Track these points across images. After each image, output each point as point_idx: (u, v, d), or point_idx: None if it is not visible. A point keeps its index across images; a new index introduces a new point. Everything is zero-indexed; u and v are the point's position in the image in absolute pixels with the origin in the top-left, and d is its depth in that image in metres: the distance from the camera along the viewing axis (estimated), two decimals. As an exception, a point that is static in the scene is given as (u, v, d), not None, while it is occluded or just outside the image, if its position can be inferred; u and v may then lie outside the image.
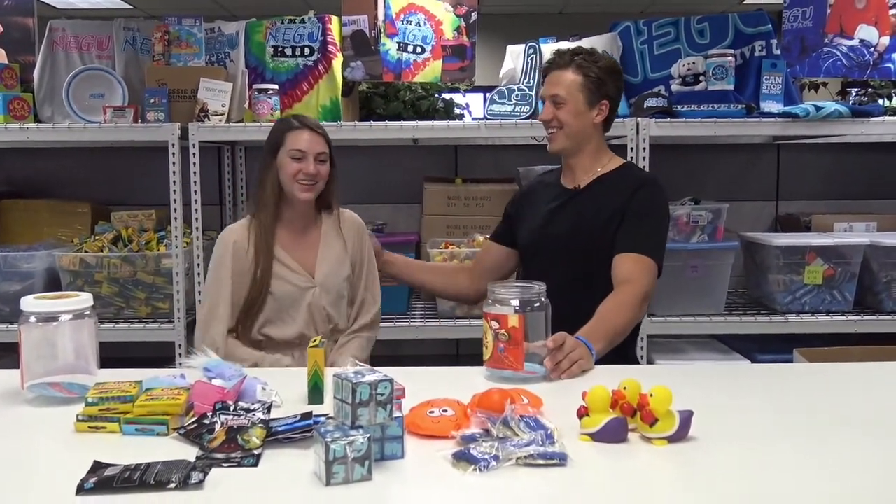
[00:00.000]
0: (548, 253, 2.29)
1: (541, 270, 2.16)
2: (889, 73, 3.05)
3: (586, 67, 2.24)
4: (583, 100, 2.25)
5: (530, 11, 8.30)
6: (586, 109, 2.26)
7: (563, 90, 2.24)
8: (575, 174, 2.33)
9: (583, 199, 2.29)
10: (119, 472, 1.22)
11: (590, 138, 2.30)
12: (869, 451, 1.37)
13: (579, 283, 2.19)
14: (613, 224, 2.20)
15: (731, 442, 1.40)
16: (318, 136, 2.28)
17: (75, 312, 1.60)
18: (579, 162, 2.32)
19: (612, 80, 2.29)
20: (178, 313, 3.03)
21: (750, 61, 3.19)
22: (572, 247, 2.24)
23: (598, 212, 2.23)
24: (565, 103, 2.24)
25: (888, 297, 3.06)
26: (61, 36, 3.23)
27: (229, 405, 1.43)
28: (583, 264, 2.22)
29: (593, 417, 1.39)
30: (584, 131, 2.27)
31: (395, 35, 3.09)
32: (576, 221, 2.26)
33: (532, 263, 2.36)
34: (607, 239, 2.20)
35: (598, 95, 2.26)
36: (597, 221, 2.22)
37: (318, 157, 2.26)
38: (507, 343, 1.70)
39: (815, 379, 1.82)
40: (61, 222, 3.41)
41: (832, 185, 3.69)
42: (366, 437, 1.22)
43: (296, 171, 2.24)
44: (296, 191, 2.25)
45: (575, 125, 2.26)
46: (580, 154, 2.31)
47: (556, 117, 2.26)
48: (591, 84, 2.24)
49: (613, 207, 2.22)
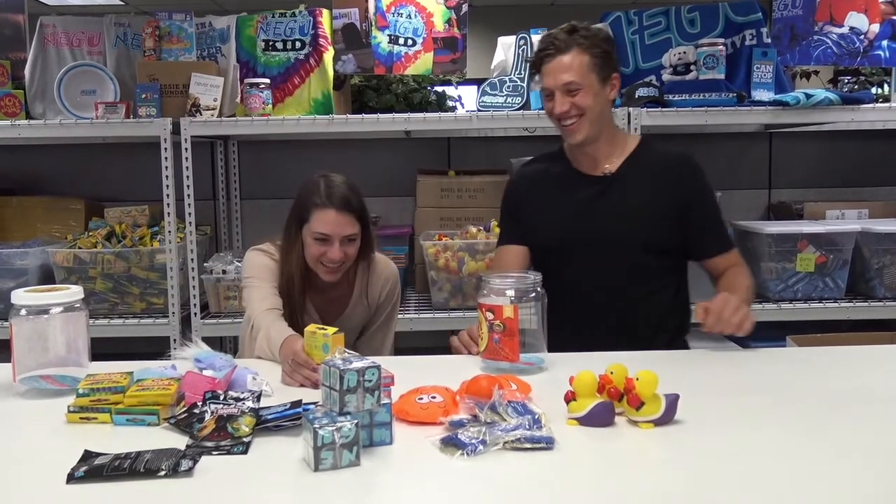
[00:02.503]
0: (591, 248, 2.12)
1: (580, 268, 2.12)
2: (879, 60, 3.05)
3: (588, 45, 2.07)
4: (596, 79, 2.08)
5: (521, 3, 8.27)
6: (601, 88, 2.10)
7: (575, 74, 2.06)
8: (595, 160, 2.18)
9: (620, 185, 2.15)
10: (109, 460, 1.23)
11: (608, 119, 2.18)
12: (858, 433, 1.38)
13: (634, 275, 2.11)
14: (671, 214, 2.11)
15: (718, 425, 1.41)
16: (347, 217, 2.06)
17: (66, 305, 1.61)
18: (599, 147, 2.17)
19: (613, 50, 2.16)
20: (172, 308, 3.04)
21: (740, 50, 3.19)
22: (623, 238, 2.11)
23: (643, 198, 2.12)
24: (581, 88, 2.06)
25: (880, 284, 3.08)
26: (52, 32, 3.23)
27: (219, 395, 1.44)
28: (637, 255, 2.11)
29: (580, 402, 1.40)
30: (603, 113, 2.14)
31: (385, 28, 3.09)
32: (621, 211, 2.12)
33: (565, 261, 2.15)
34: (665, 228, 2.11)
35: (607, 70, 2.10)
36: (646, 209, 2.11)
37: (347, 239, 2.08)
38: (503, 334, 1.70)
39: (802, 362, 1.83)
40: (55, 219, 3.41)
41: (824, 173, 3.70)
42: (353, 423, 1.23)
43: (319, 254, 2.07)
44: (319, 272, 2.11)
45: (596, 108, 2.09)
46: (600, 139, 2.15)
47: (575, 105, 2.07)
48: (599, 60, 2.08)
49: (666, 196, 2.11)
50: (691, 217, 2.13)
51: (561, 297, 2.13)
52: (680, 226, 2.13)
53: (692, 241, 2.15)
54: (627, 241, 2.11)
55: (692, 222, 2.13)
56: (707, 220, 2.17)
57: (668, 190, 2.12)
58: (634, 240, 2.11)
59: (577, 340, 2.02)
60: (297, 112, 3.08)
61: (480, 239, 3.09)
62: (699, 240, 2.15)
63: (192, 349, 1.78)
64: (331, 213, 2.05)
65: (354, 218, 2.08)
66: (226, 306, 3.14)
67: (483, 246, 3.06)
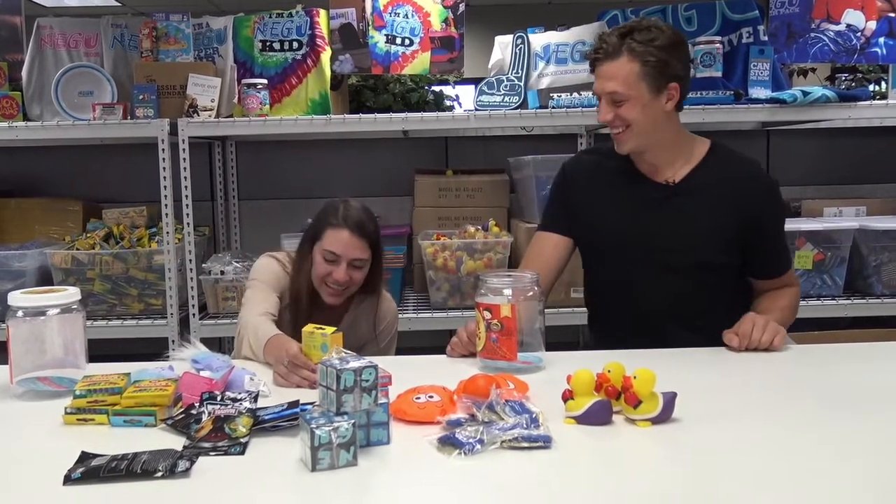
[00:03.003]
0: (642, 255, 2.02)
1: (628, 271, 2.03)
2: (876, 57, 3.05)
3: (642, 51, 1.87)
4: (646, 89, 1.90)
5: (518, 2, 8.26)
6: (652, 99, 1.91)
7: (620, 85, 1.89)
8: (656, 167, 2.03)
9: (682, 198, 2.00)
10: (106, 461, 1.23)
11: (664, 129, 1.97)
12: (856, 430, 1.39)
13: (684, 291, 2.01)
14: (733, 234, 1.99)
15: (715, 423, 1.41)
16: (359, 240, 2.05)
17: (63, 306, 1.61)
18: (658, 156, 2.01)
19: (675, 57, 1.92)
20: (170, 309, 3.04)
21: (737, 48, 3.19)
22: (676, 255, 1.99)
23: (705, 217, 1.99)
24: (626, 100, 1.90)
25: (878, 281, 3.08)
26: (49, 34, 3.23)
27: (216, 395, 1.44)
28: (690, 272, 2.00)
29: (578, 400, 1.40)
30: (655, 124, 1.94)
31: (383, 27, 3.09)
32: (679, 225, 2.00)
33: (614, 261, 2.07)
34: (724, 250, 2.00)
35: (662, 80, 1.90)
36: (707, 228, 1.99)
37: (354, 263, 2.06)
38: (500, 333, 1.69)
39: (801, 359, 1.83)
40: (53, 220, 3.41)
41: (822, 170, 3.70)
42: (350, 423, 1.23)
43: (325, 274, 2.06)
44: (322, 293, 2.09)
45: (644, 121, 1.92)
46: (657, 148, 1.99)
47: (619, 116, 1.93)
48: (651, 70, 1.88)
49: (731, 215, 1.98)
50: (756, 237, 2.01)
51: (603, 296, 2.15)
52: (741, 244, 2.01)
53: (750, 259, 2.04)
54: (682, 256, 2.00)
55: (755, 242, 2.02)
56: (770, 244, 2.06)
57: (734, 208, 1.98)
58: (691, 256, 1.99)
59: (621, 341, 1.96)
60: (294, 112, 3.08)
61: (478, 238, 3.09)
62: (758, 260, 2.05)
63: (190, 350, 1.78)
64: (343, 233, 2.05)
65: (366, 243, 2.07)
66: (224, 307, 3.14)
67: (481, 245, 3.06)
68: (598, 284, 2.19)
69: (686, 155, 2.04)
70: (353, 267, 2.07)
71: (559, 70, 3.11)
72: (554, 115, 3.00)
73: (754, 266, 2.07)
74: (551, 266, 2.12)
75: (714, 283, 2.03)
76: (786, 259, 2.13)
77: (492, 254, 3.06)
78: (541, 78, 3.11)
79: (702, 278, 2.01)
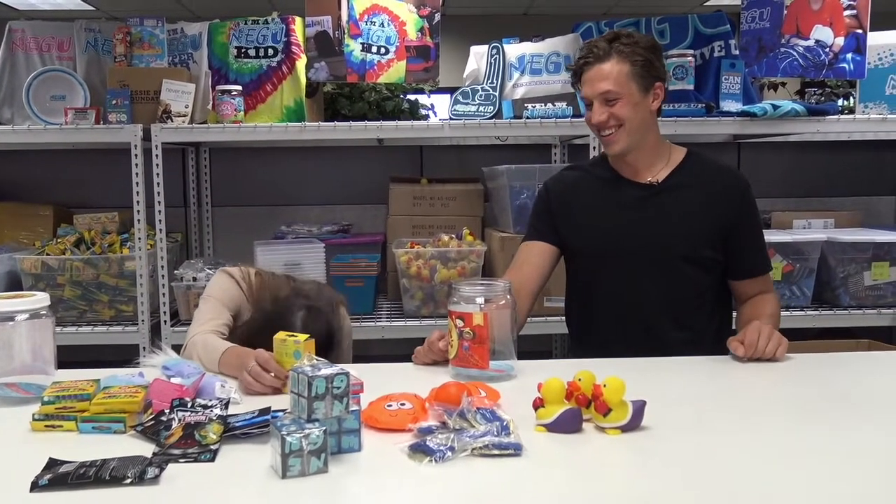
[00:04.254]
0: (630, 255, 2.09)
1: (617, 274, 2.09)
2: (844, 72, 3.11)
3: (629, 52, 2.01)
4: (636, 88, 2.03)
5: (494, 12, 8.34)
6: (642, 98, 2.04)
7: (613, 84, 2.01)
8: (638, 170, 2.14)
9: (666, 195, 2.10)
10: (74, 468, 1.21)
11: (650, 129, 2.10)
12: (828, 439, 1.40)
13: (672, 288, 2.08)
14: (716, 229, 2.07)
15: (684, 431, 1.43)
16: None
17: (32, 312, 1.59)
18: (640, 157, 2.12)
19: (657, 58, 2.08)
20: (141, 316, 3.01)
21: (709, 61, 3.25)
22: (664, 248, 2.07)
23: (689, 210, 2.08)
24: (620, 98, 2.02)
25: (845, 293, 3.13)
26: (21, 37, 3.20)
27: (187, 402, 1.43)
28: (678, 267, 2.07)
29: (548, 408, 1.41)
30: (644, 124, 2.07)
31: (358, 36, 3.09)
32: (665, 220, 2.09)
33: (602, 266, 2.14)
34: (708, 243, 2.08)
35: (649, 79, 2.04)
36: (691, 221, 2.08)
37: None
38: (472, 341, 1.69)
39: (770, 369, 1.85)
40: (23, 225, 3.38)
41: (791, 183, 3.76)
42: (321, 430, 1.23)
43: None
44: None
45: (636, 119, 2.04)
46: (641, 149, 2.10)
47: (613, 115, 2.03)
48: (640, 69, 2.02)
49: (713, 211, 2.08)
50: (735, 235, 2.09)
51: (594, 302, 2.18)
52: (722, 242, 2.09)
53: (731, 259, 2.11)
54: (669, 251, 2.07)
55: (735, 241, 2.10)
56: (750, 241, 2.13)
57: (715, 205, 2.08)
58: (676, 251, 2.07)
59: (605, 347, 2.05)
60: (269, 119, 3.08)
61: (452, 247, 3.10)
62: (738, 258, 2.11)
63: (161, 356, 1.76)
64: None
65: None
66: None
67: (455, 254, 3.07)
68: (583, 291, 2.22)
69: (665, 158, 2.16)
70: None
71: (534, 81, 3.14)
72: (528, 126, 3.03)
73: (738, 265, 2.13)
74: (538, 272, 2.17)
75: (699, 278, 2.10)
76: (765, 258, 2.19)
77: (465, 262, 3.07)
78: (515, 88, 3.14)
79: (688, 273, 2.08)
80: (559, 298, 2.54)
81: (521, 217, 3.12)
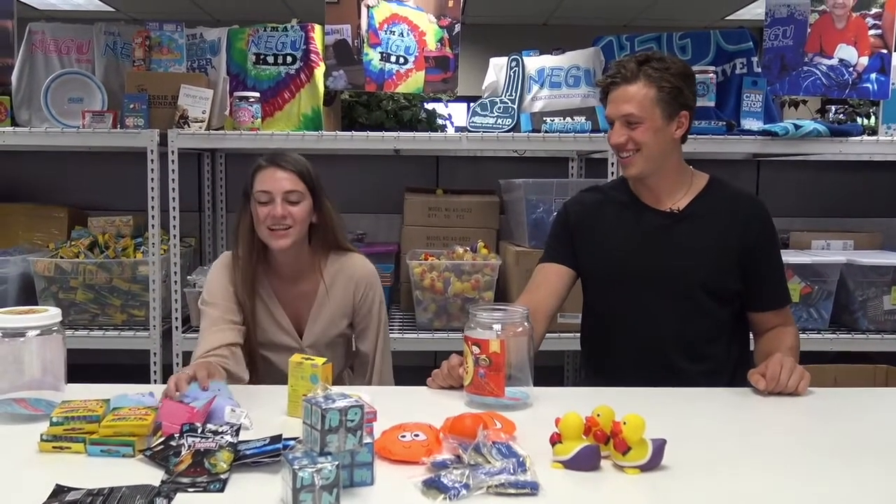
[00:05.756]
0: (649, 282, 2.05)
1: (634, 301, 2.06)
2: (867, 93, 3.07)
3: (658, 77, 1.97)
4: (660, 115, 1.98)
5: (514, 22, 8.31)
6: (664, 125, 1.99)
7: (636, 107, 1.97)
8: (658, 196, 2.10)
9: (687, 223, 2.06)
10: (81, 496, 1.20)
11: (670, 156, 2.05)
12: (845, 478, 1.37)
13: (689, 318, 2.04)
14: (735, 259, 2.03)
15: (704, 470, 1.39)
16: (287, 173, 2.06)
17: (43, 328, 1.58)
18: (661, 183, 2.08)
19: (687, 87, 2.02)
20: (153, 321, 3.00)
21: (731, 78, 3.21)
22: (683, 277, 2.03)
23: (709, 239, 2.05)
24: (641, 122, 1.98)
25: (863, 316, 3.08)
26: (41, 39, 3.19)
27: (197, 427, 1.41)
28: (696, 296, 2.03)
29: (566, 445, 1.38)
30: (663, 151, 2.02)
31: (378, 45, 3.07)
32: (685, 249, 2.05)
33: (620, 292, 2.10)
34: (727, 273, 2.04)
35: (675, 107, 1.99)
36: (711, 250, 2.04)
37: (288, 197, 2.04)
38: (489, 369, 1.67)
39: (789, 404, 1.81)
40: (37, 227, 3.37)
41: (811, 203, 3.71)
42: (334, 464, 1.20)
43: (264, 216, 2.04)
44: (267, 238, 2.06)
45: (655, 145, 2.00)
46: (660, 175, 2.06)
47: (632, 139, 2.00)
48: (666, 96, 1.97)
49: (733, 240, 2.04)
50: (754, 266, 2.05)
51: (610, 328, 2.15)
52: (742, 273, 2.05)
53: (750, 290, 2.07)
54: (688, 281, 2.03)
55: (754, 271, 2.05)
56: (769, 272, 2.09)
57: (735, 234, 2.04)
58: (695, 281, 2.03)
59: (619, 372, 2.02)
60: (286, 127, 3.06)
61: (467, 260, 3.07)
62: (757, 289, 2.07)
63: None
64: (269, 171, 2.06)
65: (293, 174, 2.06)
66: (208, 321, 3.10)
67: (469, 267, 3.04)
68: (599, 316, 2.19)
69: (687, 185, 2.11)
70: (289, 202, 2.04)
71: (553, 94, 3.11)
72: (546, 140, 3.00)
73: (757, 296, 2.09)
74: (554, 295, 2.14)
75: (717, 310, 2.06)
76: (784, 290, 2.15)
77: (479, 276, 3.05)
78: (534, 101, 3.11)
79: (705, 304, 2.04)
80: (573, 315, 2.52)
81: (536, 231, 3.09)
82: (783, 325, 2.11)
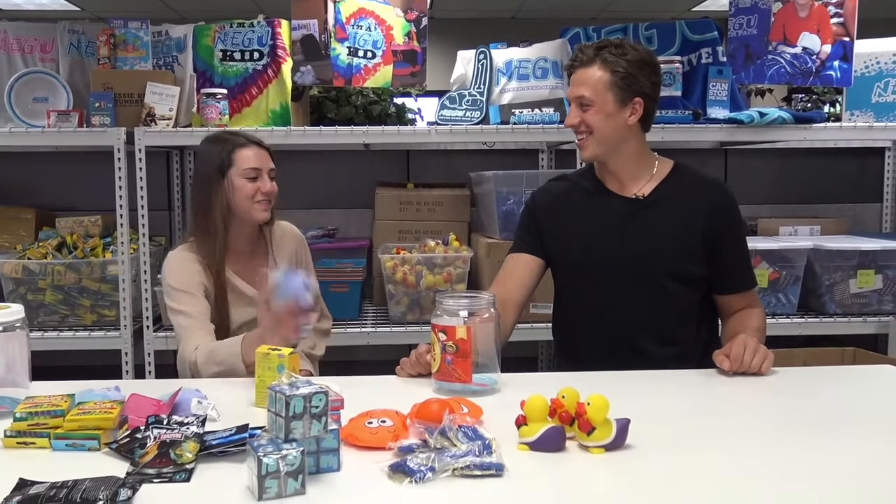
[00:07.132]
0: (615, 269, 2.06)
1: (602, 288, 2.08)
2: (830, 80, 3.11)
3: (613, 62, 1.99)
4: (612, 99, 2.00)
5: (482, 16, 8.32)
6: (616, 110, 2.01)
7: (589, 90, 2.01)
8: (622, 181, 2.12)
9: (652, 209, 2.08)
10: (45, 489, 1.19)
11: (626, 141, 2.06)
12: (813, 456, 1.39)
13: (656, 303, 2.06)
14: (700, 243, 2.05)
15: (669, 449, 1.41)
16: (266, 152, 2.23)
17: (5, 325, 1.56)
18: (622, 169, 2.10)
19: (644, 74, 2.03)
20: (124, 321, 2.98)
21: (697, 68, 3.24)
22: (649, 262, 2.05)
23: (674, 224, 2.06)
24: (592, 105, 2.01)
25: (831, 300, 3.13)
26: (3, 38, 3.17)
27: (163, 419, 1.41)
28: (662, 281, 2.05)
29: (531, 426, 1.39)
30: (617, 135, 2.04)
31: (345, 40, 3.07)
32: (650, 235, 2.07)
33: (587, 280, 2.12)
34: (693, 257, 2.05)
35: (629, 93, 2.01)
36: (677, 235, 2.05)
37: (270, 174, 2.22)
38: (455, 355, 1.67)
39: (753, 383, 1.84)
40: (4, 228, 3.34)
41: (778, 190, 3.76)
42: (299, 450, 1.21)
43: (253, 192, 2.16)
44: (255, 211, 2.18)
45: (606, 129, 2.02)
46: (620, 160, 2.08)
47: (584, 121, 2.03)
48: (619, 81, 1.99)
49: (698, 225, 2.05)
50: (720, 250, 2.07)
51: (580, 315, 2.16)
52: (707, 257, 2.06)
53: (716, 275, 2.09)
54: (654, 267, 2.05)
55: (720, 255, 2.07)
56: (735, 256, 2.11)
57: (701, 219, 2.05)
58: (661, 267, 2.05)
59: (591, 359, 2.04)
60: (254, 123, 3.05)
61: (438, 253, 3.08)
62: (723, 273, 2.09)
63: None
64: (253, 149, 2.20)
65: (270, 156, 2.24)
66: (179, 319, 3.08)
67: (441, 260, 3.05)
68: (569, 304, 2.20)
69: (650, 171, 2.13)
70: (271, 178, 2.22)
71: (521, 86, 3.12)
72: (515, 131, 3.01)
73: (724, 279, 2.11)
74: (523, 285, 2.16)
75: (684, 294, 2.08)
76: (750, 274, 2.18)
77: (451, 268, 3.05)
78: (503, 93, 3.12)
79: (673, 289, 2.06)
80: (545, 305, 2.53)
81: (507, 223, 3.10)
82: (750, 307, 2.13)
